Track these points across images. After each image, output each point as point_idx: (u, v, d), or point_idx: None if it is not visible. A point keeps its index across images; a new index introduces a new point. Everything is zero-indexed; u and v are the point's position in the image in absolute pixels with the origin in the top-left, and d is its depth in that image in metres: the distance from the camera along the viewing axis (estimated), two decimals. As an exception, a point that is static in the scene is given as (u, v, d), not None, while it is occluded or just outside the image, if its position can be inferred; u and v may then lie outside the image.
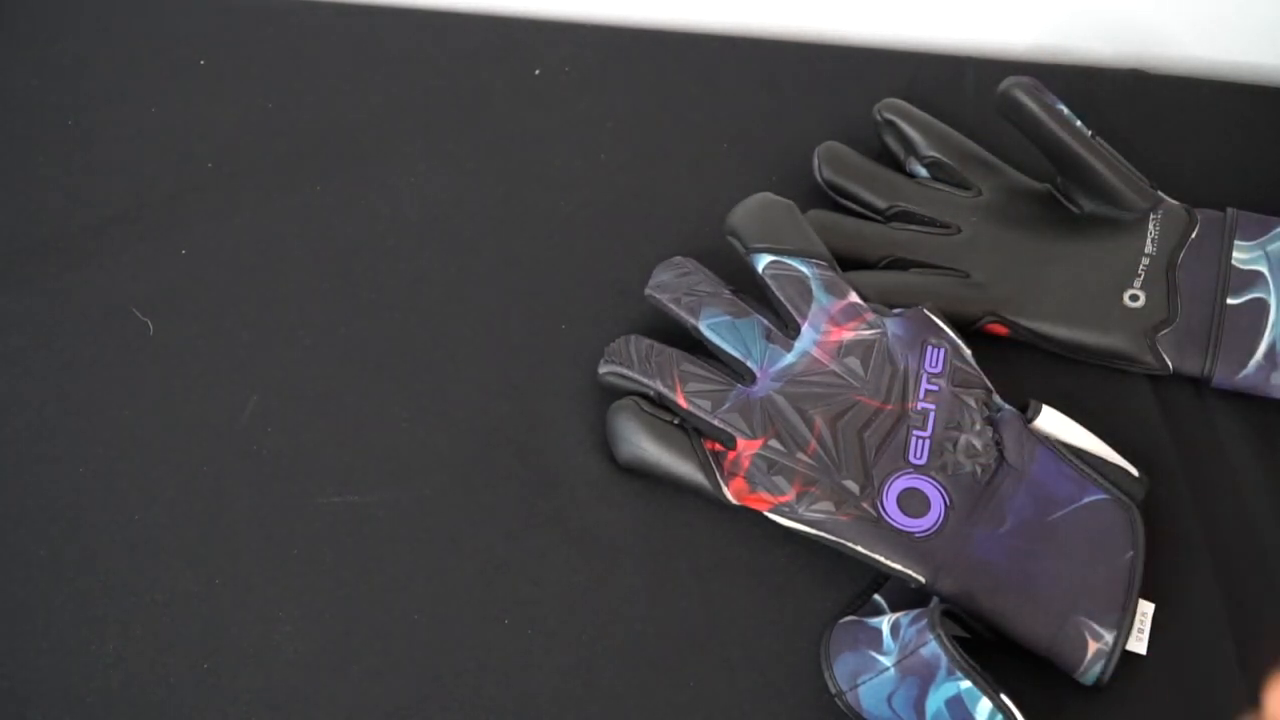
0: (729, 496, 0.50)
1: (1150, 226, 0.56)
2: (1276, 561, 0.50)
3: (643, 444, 0.50)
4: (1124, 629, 0.46)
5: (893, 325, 0.52)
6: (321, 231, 0.61)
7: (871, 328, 0.52)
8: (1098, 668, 0.46)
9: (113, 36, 0.69)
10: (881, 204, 0.58)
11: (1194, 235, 0.55)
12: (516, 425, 0.54)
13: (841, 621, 0.47)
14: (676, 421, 0.51)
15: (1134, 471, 0.50)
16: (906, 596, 0.48)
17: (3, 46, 0.68)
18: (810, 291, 0.52)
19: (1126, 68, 0.66)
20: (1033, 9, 0.67)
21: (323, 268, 0.60)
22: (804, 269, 0.53)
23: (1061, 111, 0.56)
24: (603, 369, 0.53)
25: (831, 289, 0.53)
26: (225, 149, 0.64)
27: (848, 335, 0.52)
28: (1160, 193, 0.57)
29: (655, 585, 0.50)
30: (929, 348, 0.52)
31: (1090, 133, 0.56)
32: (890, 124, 0.60)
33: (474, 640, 0.49)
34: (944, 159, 0.59)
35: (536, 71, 0.67)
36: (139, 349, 0.57)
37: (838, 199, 0.59)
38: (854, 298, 0.53)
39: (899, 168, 0.60)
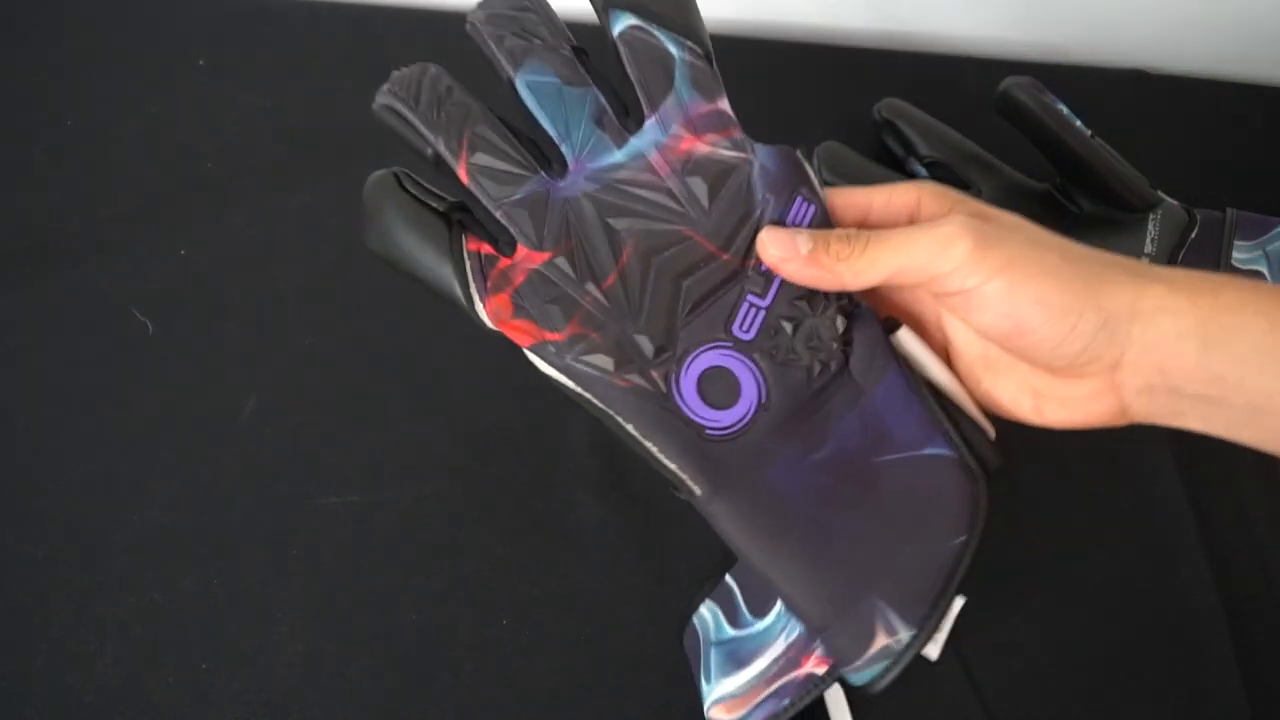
0: (483, 315, 0.38)
1: (1150, 226, 0.56)
2: (1277, 565, 0.50)
3: (393, 231, 0.39)
4: (926, 631, 0.37)
5: (764, 155, 0.40)
6: (321, 231, 0.61)
7: (736, 149, 0.40)
8: (877, 669, 0.37)
9: (113, 36, 0.69)
10: (881, 204, 0.58)
11: (1194, 235, 0.55)
12: (516, 425, 0.54)
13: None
14: (444, 208, 0.39)
15: (991, 433, 0.40)
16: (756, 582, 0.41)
17: (3, 46, 0.68)
18: (671, 77, 0.40)
19: (1127, 68, 0.66)
20: (1033, 9, 0.67)
21: (323, 268, 0.60)
22: (671, 47, 0.40)
23: (1061, 111, 0.56)
24: (380, 99, 0.39)
25: (700, 84, 0.40)
26: (225, 149, 0.64)
27: (701, 149, 0.39)
28: (1160, 193, 0.57)
29: (655, 585, 0.50)
30: (799, 199, 0.39)
31: (1090, 133, 0.56)
32: (890, 124, 0.60)
33: (474, 640, 0.49)
34: (944, 159, 0.59)
35: (536, 71, 0.67)
36: (139, 349, 0.57)
37: (837, 199, 0.59)
38: (725, 105, 0.40)
39: (899, 168, 0.60)
